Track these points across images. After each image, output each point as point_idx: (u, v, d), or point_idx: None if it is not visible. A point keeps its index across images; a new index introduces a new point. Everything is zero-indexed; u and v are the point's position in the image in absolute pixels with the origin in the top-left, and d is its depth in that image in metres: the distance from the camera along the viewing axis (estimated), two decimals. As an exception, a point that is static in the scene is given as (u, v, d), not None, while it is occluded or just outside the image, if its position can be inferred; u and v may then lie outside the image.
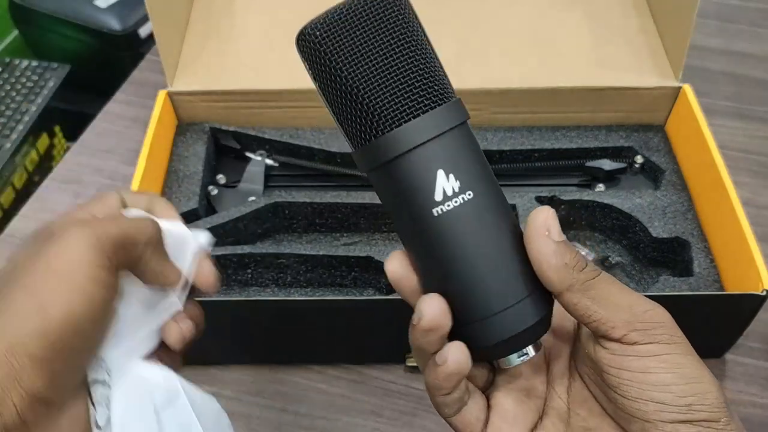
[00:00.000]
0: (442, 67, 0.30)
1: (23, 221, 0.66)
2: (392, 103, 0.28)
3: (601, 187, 0.62)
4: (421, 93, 0.28)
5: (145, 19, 1.31)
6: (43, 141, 1.26)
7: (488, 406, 0.32)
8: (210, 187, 0.62)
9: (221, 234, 0.58)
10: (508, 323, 0.29)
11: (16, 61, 1.29)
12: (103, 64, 1.36)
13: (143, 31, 1.32)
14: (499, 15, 0.69)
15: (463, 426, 0.31)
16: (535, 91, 0.62)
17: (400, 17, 0.28)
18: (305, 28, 0.29)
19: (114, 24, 1.30)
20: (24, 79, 1.26)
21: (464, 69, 0.63)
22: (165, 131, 0.62)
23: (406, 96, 0.28)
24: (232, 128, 0.64)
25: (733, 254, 0.53)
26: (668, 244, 0.57)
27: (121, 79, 0.79)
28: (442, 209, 0.28)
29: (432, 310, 0.28)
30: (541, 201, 0.59)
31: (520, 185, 0.62)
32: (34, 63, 1.29)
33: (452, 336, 0.29)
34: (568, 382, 0.32)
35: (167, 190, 0.60)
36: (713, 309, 0.50)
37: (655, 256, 0.58)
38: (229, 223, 0.58)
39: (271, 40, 0.67)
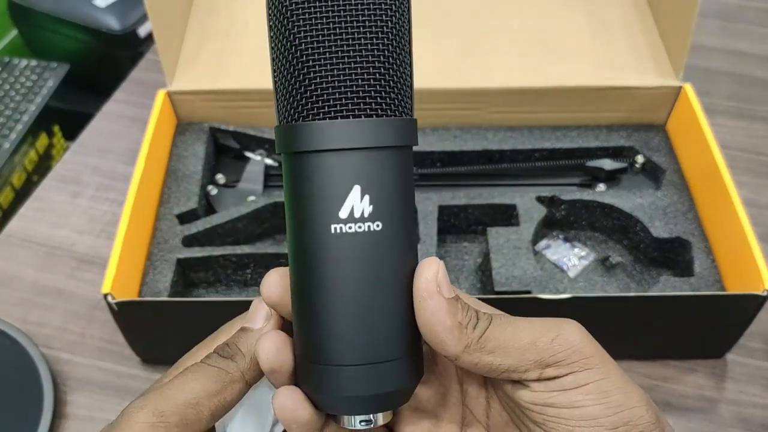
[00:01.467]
0: (411, 81, 0.26)
1: (22, 221, 0.65)
2: (339, 89, 0.23)
3: (601, 186, 0.62)
4: (374, 94, 0.24)
5: (144, 18, 1.31)
6: (42, 140, 1.26)
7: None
8: (209, 187, 0.62)
9: (220, 234, 0.58)
10: (362, 381, 0.25)
11: (15, 61, 1.29)
12: (102, 64, 1.36)
13: (142, 31, 1.32)
14: (500, 14, 0.69)
15: None
16: (536, 90, 0.62)
17: (395, 7, 0.24)
18: None
19: (113, 23, 1.30)
20: (23, 79, 1.26)
21: (464, 69, 0.63)
22: (164, 131, 0.62)
23: (357, 89, 0.23)
24: (231, 128, 0.64)
25: (734, 254, 0.52)
26: (669, 244, 0.57)
27: (120, 79, 0.79)
28: (340, 228, 0.24)
29: (266, 351, 0.26)
30: (542, 201, 0.59)
31: (521, 185, 0.62)
32: (33, 62, 1.29)
33: (306, 371, 0.26)
34: (486, 403, 0.30)
35: (166, 190, 0.60)
36: (714, 309, 0.50)
37: (656, 256, 0.58)
38: (228, 223, 0.58)
39: (271, 40, 0.67)
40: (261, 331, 0.27)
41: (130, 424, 0.25)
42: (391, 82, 0.24)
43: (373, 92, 0.24)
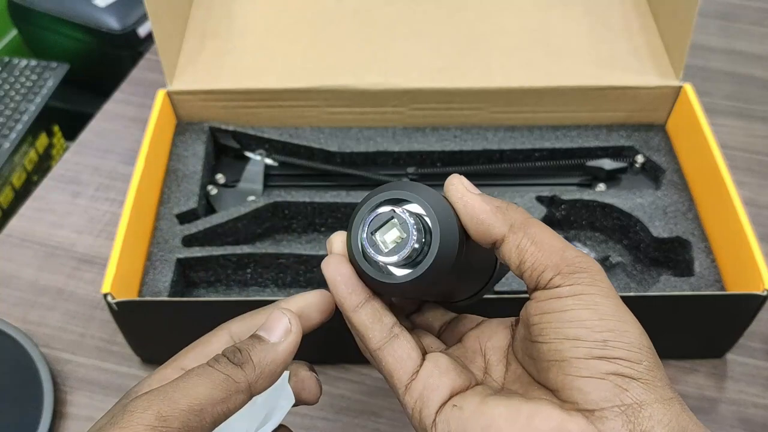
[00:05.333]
0: None
1: (22, 221, 0.65)
2: None
3: (601, 186, 0.62)
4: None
5: (144, 18, 1.31)
6: (42, 140, 1.26)
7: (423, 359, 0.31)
8: (209, 187, 0.62)
9: (220, 234, 0.58)
10: None
11: (15, 61, 1.29)
12: (102, 64, 1.36)
13: (142, 31, 1.32)
14: (499, 14, 0.69)
15: (394, 360, 0.30)
16: (536, 90, 0.62)
17: None
18: None
19: (113, 23, 1.30)
20: (23, 79, 1.26)
21: (464, 69, 0.63)
22: (164, 130, 0.62)
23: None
24: (231, 127, 0.64)
25: (734, 254, 0.52)
26: (669, 243, 0.57)
27: (120, 79, 0.79)
28: None
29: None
30: (542, 201, 0.59)
31: (521, 185, 0.62)
32: (33, 62, 1.29)
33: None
34: (505, 369, 0.31)
35: (166, 190, 0.60)
36: (714, 309, 0.50)
37: (656, 256, 0.58)
38: (228, 223, 0.58)
39: (271, 39, 0.67)
40: (277, 346, 0.28)
41: (132, 424, 0.25)
42: None
43: None
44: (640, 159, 0.63)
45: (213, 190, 0.62)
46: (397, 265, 0.29)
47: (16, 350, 0.54)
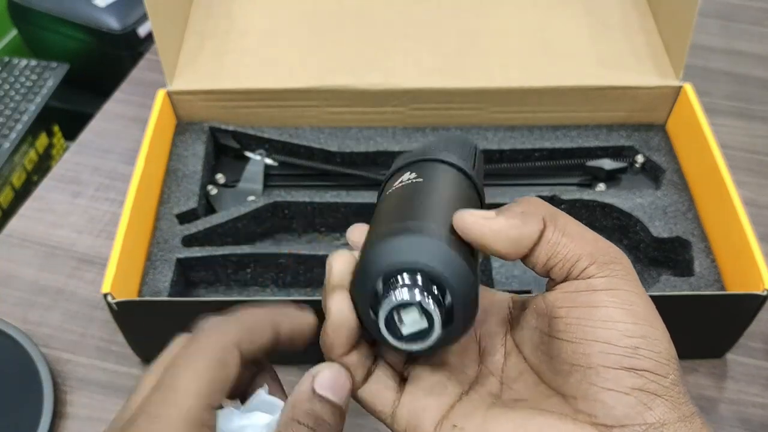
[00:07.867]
0: None
1: (22, 221, 0.65)
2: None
3: (601, 186, 0.62)
4: None
5: (144, 18, 1.31)
6: (42, 140, 1.26)
7: (403, 381, 0.30)
8: (209, 187, 0.62)
9: (220, 234, 0.58)
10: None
11: (15, 61, 1.29)
12: (102, 64, 1.36)
13: (142, 30, 1.32)
14: (499, 14, 0.69)
15: (371, 397, 0.29)
16: (536, 90, 0.62)
17: None
18: None
19: (113, 23, 1.30)
20: (23, 79, 1.26)
21: (464, 69, 0.63)
22: (164, 130, 0.62)
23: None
24: (231, 127, 0.64)
25: (735, 254, 0.52)
26: (669, 243, 0.57)
27: (120, 79, 0.79)
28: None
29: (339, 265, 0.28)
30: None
31: (521, 185, 0.62)
32: (33, 62, 1.29)
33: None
34: (503, 360, 0.29)
35: (166, 190, 0.60)
36: (714, 309, 0.50)
37: (656, 256, 0.58)
38: (228, 223, 0.58)
39: (271, 39, 0.67)
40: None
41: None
42: None
43: None
44: (640, 159, 0.63)
45: (213, 190, 0.62)
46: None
47: (16, 350, 0.54)
